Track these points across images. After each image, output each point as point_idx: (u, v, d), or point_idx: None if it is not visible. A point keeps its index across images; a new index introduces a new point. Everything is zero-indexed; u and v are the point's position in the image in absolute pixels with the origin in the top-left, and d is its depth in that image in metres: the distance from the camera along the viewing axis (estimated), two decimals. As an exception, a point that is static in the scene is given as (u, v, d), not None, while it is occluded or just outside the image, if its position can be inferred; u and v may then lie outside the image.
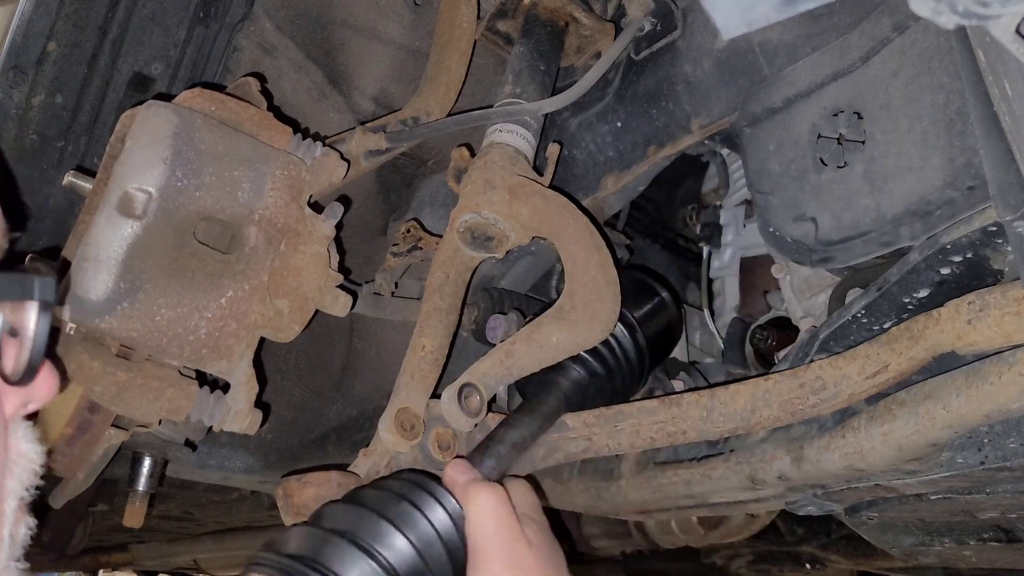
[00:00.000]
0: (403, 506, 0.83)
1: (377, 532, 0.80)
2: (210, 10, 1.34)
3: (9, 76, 1.23)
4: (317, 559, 0.77)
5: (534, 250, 1.35)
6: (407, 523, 0.81)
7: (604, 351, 1.12)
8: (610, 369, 1.13)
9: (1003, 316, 0.80)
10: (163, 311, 0.95)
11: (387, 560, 0.79)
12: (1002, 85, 0.62)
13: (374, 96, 1.50)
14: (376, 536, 0.80)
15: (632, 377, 1.16)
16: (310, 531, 0.81)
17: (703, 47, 1.19)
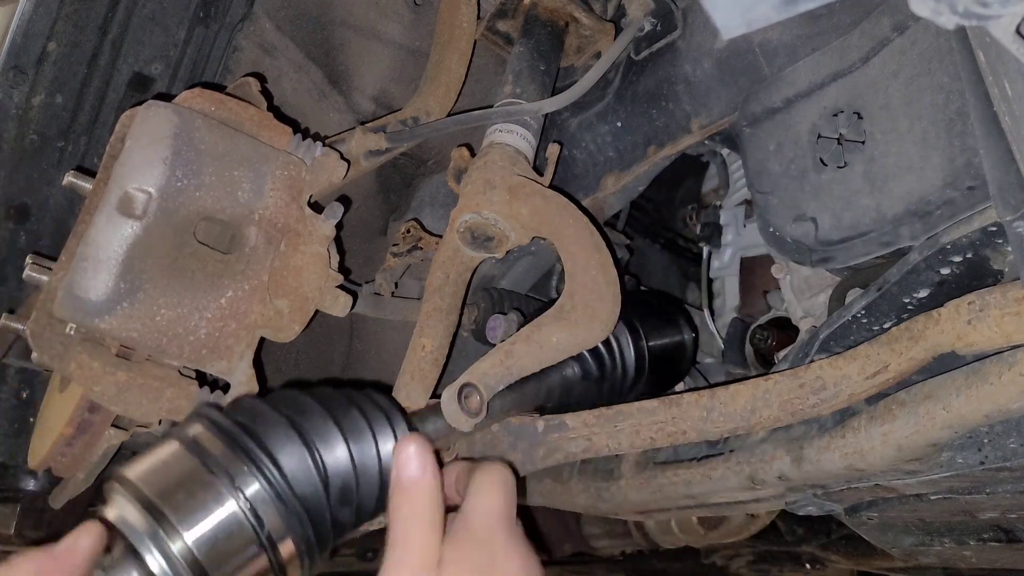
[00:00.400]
0: (359, 421, 0.81)
1: (323, 431, 0.78)
2: (210, 10, 1.34)
3: (9, 76, 1.23)
4: (255, 431, 0.75)
5: (534, 250, 1.35)
6: (355, 437, 0.79)
7: (605, 361, 1.13)
8: (603, 377, 1.14)
9: (1003, 316, 0.80)
10: (163, 311, 0.95)
11: (322, 460, 0.77)
12: (1002, 85, 0.62)
13: (374, 96, 1.50)
14: (321, 435, 0.78)
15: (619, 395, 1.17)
16: (260, 405, 0.79)
17: (703, 47, 1.19)
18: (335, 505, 0.78)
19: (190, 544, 0.70)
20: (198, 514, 0.71)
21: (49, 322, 0.99)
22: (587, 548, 2.34)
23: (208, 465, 0.73)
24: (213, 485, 0.72)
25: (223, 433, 0.75)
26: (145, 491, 0.71)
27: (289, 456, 0.75)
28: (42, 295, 1.02)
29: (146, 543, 0.69)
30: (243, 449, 0.74)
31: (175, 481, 0.72)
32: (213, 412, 0.78)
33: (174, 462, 0.74)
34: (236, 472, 0.72)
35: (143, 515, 0.70)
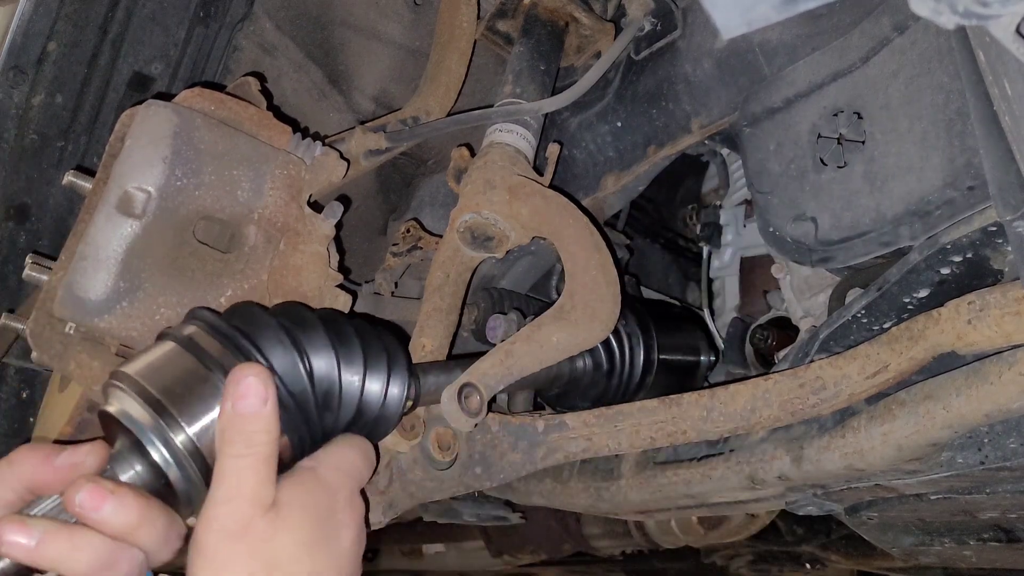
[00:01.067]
0: (355, 347, 0.82)
1: (316, 343, 0.79)
2: (210, 10, 1.34)
3: (9, 76, 1.23)
4: (248, 331, 0.77)
5: (534, 250, 1.35)
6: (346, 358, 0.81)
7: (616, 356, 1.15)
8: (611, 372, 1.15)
9: (1003, 316, 0.80)
10: (162, 310, 0.95)
11: (310, 364, 0.78)
12: (1002, 85, 0.62)
13: (374, 96, 1.50)
14: (313, 344, 0.79)
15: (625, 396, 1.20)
16: (254, 309, 0.81)
17: (703, 47, 1.19)
18: (320, 407, 0.79)
19: (192, 436, 0.71)
20: (198, 407, 0.72)
21: (49, 321, 0.99)
22: (587, 548, 2.34)
23: (204, 362, 0.75)
24: (210, 380, 0.74)
25: (216, 332, 0.77)
26: (147, 386, 0.72)
27: (280, 357, 0.77)
28: (42, 294, 1.02)
29: (149, 436, 0.71)
30: (236, 346, 0.76)
31: (174, 377, 0.74)
32: (206, 313, 0.79)
33: (172, 359, 0.76)
34: (231, 364, 0.74)
35: (146, 409, 0.71)
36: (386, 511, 0.97)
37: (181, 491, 0.72)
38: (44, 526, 0.67)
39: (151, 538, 0.69)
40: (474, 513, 1.67)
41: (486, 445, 1.04)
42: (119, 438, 0.73)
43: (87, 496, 0.67)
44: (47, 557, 0.66)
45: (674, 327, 1.33)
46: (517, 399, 1.19)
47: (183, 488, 0.72)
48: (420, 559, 3.12)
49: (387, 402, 0.83)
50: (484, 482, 1.03)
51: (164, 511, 0.71)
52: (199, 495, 0.72)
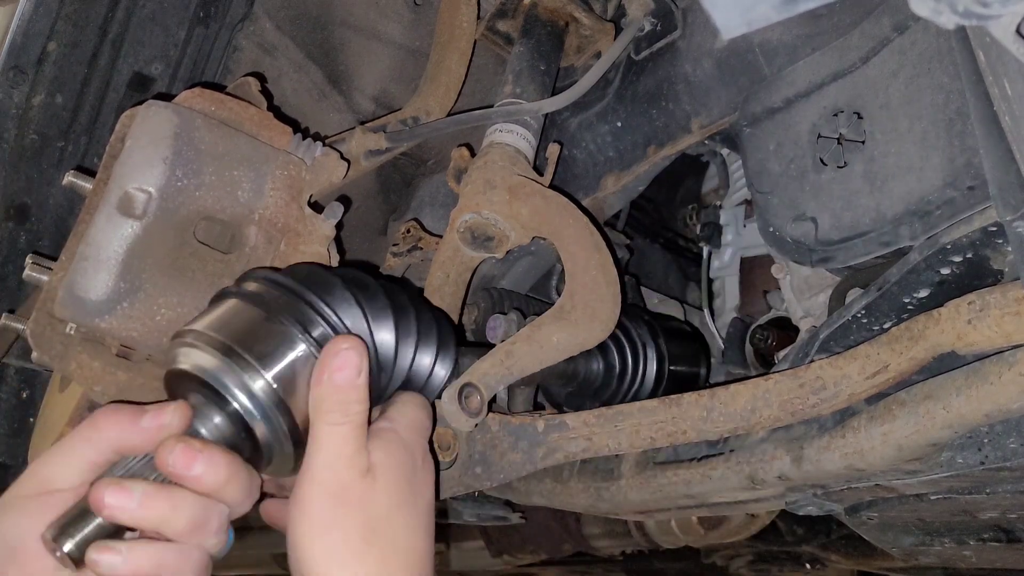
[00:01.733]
0: (411, 325, 0.83)
1: (381, 316, 0.80)
2: (210, 10, 1.34)
3: (9, 76, 1.23)
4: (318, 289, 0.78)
5: (534, 250, 1.35)
6: (403, 336, 0.82)
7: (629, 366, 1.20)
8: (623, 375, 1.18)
9: (1003, 316, 0.80)
10: (163, 311, 0.95)
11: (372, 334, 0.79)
12: (1002, 85, 0.62)
13: (374, 96, 1.50)
14: (377, 317, 0.80)
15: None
16: (325, 272, 0.81)
17: (703, 47, 1.19)
18: (377, 373, 0.80)
19: (270, 380, 0.71)
20: (273, 354, 0.72)
21: (49, 322, 0.99)
22: (587, 548, 2.34)
23: (273, 312, 0.74)
24: (283, 328, 0.74)
25: (281, 287, 0.77)
26: (218, 336, 0.72)
27: (349, 316, 0.78)
28: (42, 295, 1.02)
29: (226, 384, 0.71)
30: (305, 300, 0.76)
31: (244, 327, 0.74)
32: (265, 271, 0.80)
33: (238, 313, 0.75)
34: (302, 317, 0.75)
35: (221, 358, 0.71)
36: (386, 511, 0.97)
37: (263, 438, 0.72)
38: (143, 488, 0.68)
39: (237, 493, 0.72)
40: (474, 513, 1.67)
41: (486, 445, 1.04)
42: (193, 394, 0.73)
43: (179, 457, 0.68)
44: (148, 518, 0.68)
45: (678, 339, 1.35)
46: (517, 399, 1.19)
47: (265, 435, 0.72)
48: (420, 559, 3.11)
49: (432, 378, 0.86)
50: (484, 482, 1.03)
51: (247, 467, 0.73)
52: (279, 441, 0.73)
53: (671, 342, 1.27)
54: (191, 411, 0.72)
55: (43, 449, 1.11)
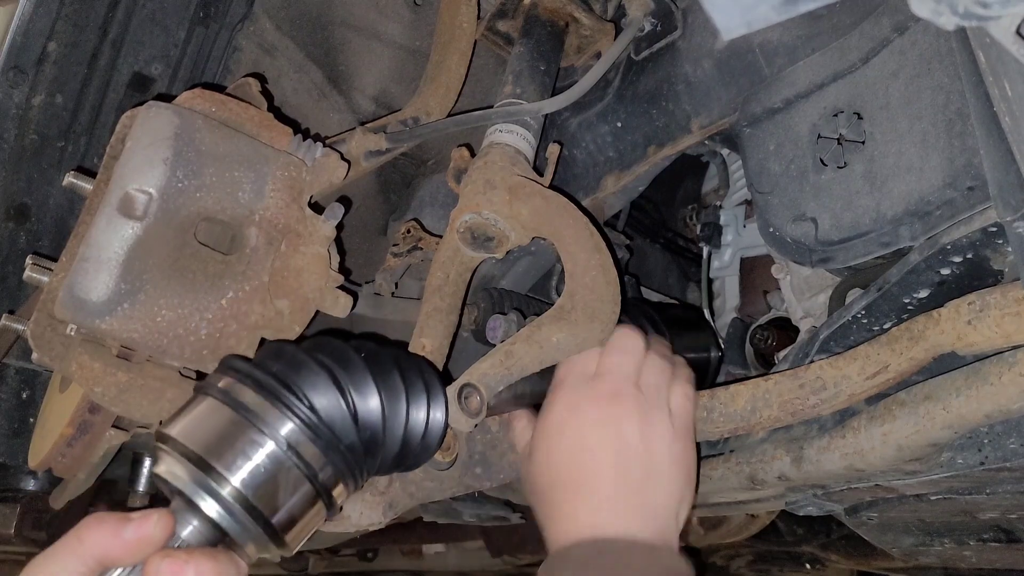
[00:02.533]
0: (394, 378, 0.85)
1: (360, 382, 0.82)
2: (210, 10, 1.34)
3: (9, 76, 1.23)
4: (285, 374, 0.80)
5: (534, 250, 1.35)
6: (391, 394, 0.84)
7: None
8: None
9: (1003, 316, 0.80)
10: (164, 312, 0.95)
11: (354, 406, 0.81)
12: (1002, 86, 0.62)
13: (374, 96, 1.50)
14: (357, 384, 0.82)
15: None
16: (293, 351, 0.83)
17: (703, 47, 1.19)
18: (366, 444, 0.83)
19: (238, 486, 0.75)
20: (239, 459, 0.76)
21: (50, 323, 0.99)
22: (587, 548, 2.34)
23: (241, 413, 0.78)
24: (249, 431, 0.77)
25: (252, 381, 0.80)
26: (189, 446, 0.76)
27: (323, 397, 0.80)
28: (42, 296, 1.02)
29: (199, 492, 0.75)
30: (272, 393, 0.79)
31: (214, 432, 0.77)
32: (239, 362, 0.82)
33: (210, 415, 0.79)
34: (269, 415, 0.78)
35: (190, 468, 0.75)
36: (386, 511, 0.97)
37: (237, 537, 0.76)
38: None
39: None
40: (474, 513, 1.67)
41: (486, 445, 1.04)
42: (174, 498, 0.78)
43: (167, 571, 0.71)
44: None
45: (684, 327, 1.34)
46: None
47: (238, 534, 0.76)
48: (420, 559, 3.12)
49: (430, 429, 0.87)
50: (484, 482, 1.03)
51: (231, 560, 0.76)
52: (253, 538, 0.77)
53: (674, 331, 1.26)
54: (172, 519, 0.75)
55: (43, 449, 1.11)
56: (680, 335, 1.26)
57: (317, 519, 0.81)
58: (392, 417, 0.84)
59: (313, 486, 0.78)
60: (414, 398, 0.86)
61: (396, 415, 0.85)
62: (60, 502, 1.24)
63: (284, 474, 0.77)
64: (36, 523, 1.85)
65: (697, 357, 1.34)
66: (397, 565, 3.18)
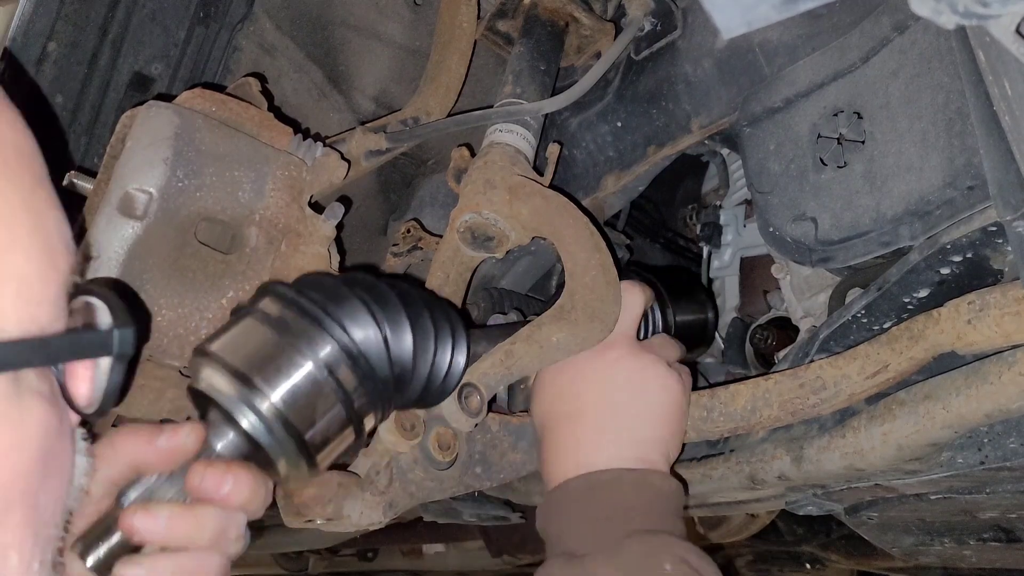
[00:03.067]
0: (425, 319, 0.88)
1: (396, 320, 0.85)
2: (210, 10, 1.34)
3: (9, 76, 1.23)
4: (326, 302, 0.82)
5: (534, 250, 1.35)
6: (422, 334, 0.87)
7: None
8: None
9: (1003, 316, 0.80)
10: (164, 312, 0.95)
11: (388, 342, 0.84)
12: (1002, 85, 0.62)
13: (374, 96, 1.50)
14: (393, 322, 0.85)
15: None
16: (334, 282, 0.85)
17: (703, 47, 1.19)
18: (396, 381, 0.85)
19: (276, 402, 0.76)
20: (279, 376, 0.78)
21: (50, 322, 0.99)
22: (587, 548, 2.34)
23: (283, 333, 0.79)
24: (290, 351, 0.79)
25: (294, 305, 0.81)
26: (230, 360, 0.78)
27: (361, 329, 0.82)
28: (42, 295, 1.01)
29: (238, 405, 0.76)
30: (314, 318, 0.81)
31: (255, 350, 0.79)
32: (280, 287, 0.84)
33: (251, 334, 0.81)
34: (310, 338, 0.80)
35: (231, 382, 0.77)
36: (386, 511, 0.97)
37: (271, 452, 0.77)
38: (168, 511, 0.73)
39: (256, 504, 0.77)
40: (474, 513, 1.67)
41: (486, 445, 1.04)
42: (211, 410, 0.79)
43: (209, 479, 0.73)
44: (174, 537, 0.73)
45: (680, 291, 1.34)
46: (517, 399, 1.19)
47: (273, 449, 0.77)
48: (420, 559, 3.12)
49: (451, 371, 0.90)
50: (484, 482, 1.03)
51: (264, 478, 0.78)
52: (286, 454, 0.78)
53: (671, 295, 1.26)
54: (203, 431, 0.77)
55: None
56: (677, 299, 1.26)
57: (344, 445, 0.83)
58: (421, 356, 0.87)
59: (347, 411, 0.80)
60: (441, 341, 0.89)
61: (425, 354, 0.87)
62: (60, 502, 1.23)
63: (321, 396, 0.79)
64: (36, 523, 1.84)
65: (695, 319, 1.34)
66: (397, 565, 3.18)
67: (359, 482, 0.93)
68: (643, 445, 0.94)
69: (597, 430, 0.94)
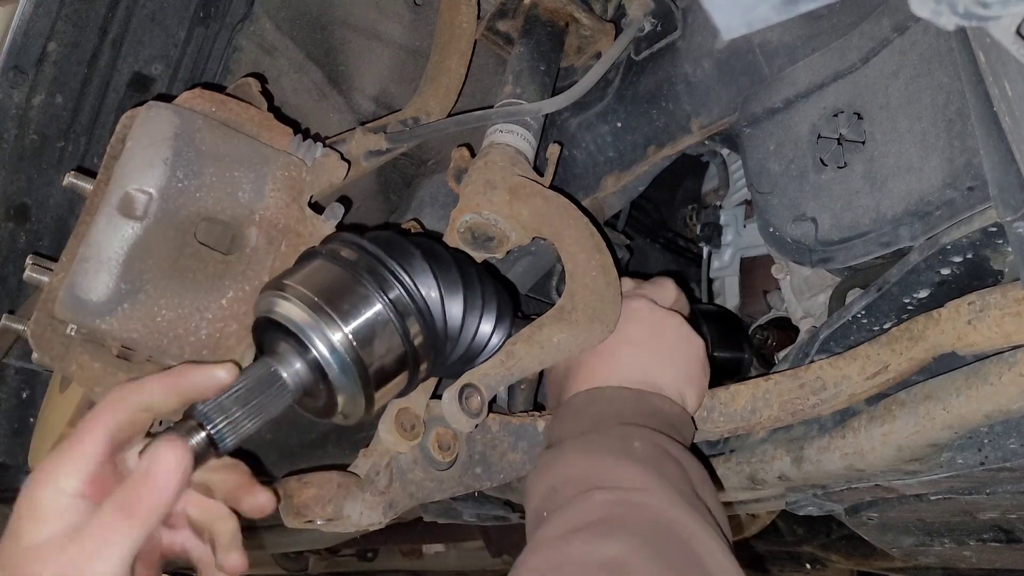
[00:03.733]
0: (477, 297, 0.93)
1: (452, 288, 0.90)
2: (210, 10, 1.34)
3: (9, 76, 1.23)
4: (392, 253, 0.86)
5: (534, 250, 1.35)
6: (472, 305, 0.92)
7: None
8: None
9: (1003, 316, 0.80)
10: (164, 312, 0.95)
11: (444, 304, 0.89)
12: (1002, 86, 0.62)
13: (374, 96, 1.50)
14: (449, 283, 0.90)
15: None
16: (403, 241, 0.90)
17: (703, 47, 1.19)
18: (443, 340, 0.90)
19: (349, 334, 0.80)
20: (351, 312, 0.81)
21: (50, 323, 0.99)
22: (587, 548, 2.34)
23: (354, 273, 0.84)
24: (361, 289, 0.83)
25: (365, 251, 0.86)
26: (306, 291, 0.81)
27: (424, 286, 0.87)
28: (42, 296, 1.02)
29: (310, 335, 0.79)
30: (383, 263, 0.85)
31: (329, 285, 0.82)
32: (349, 235, 0.88)
33: (324, 272, 0.84)
34: (380, 280, 0.84)
35: (306, 311, 0.80)
36: (386, 511, 0.97)
37: (336, 382, 0.80)
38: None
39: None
40: (474, 513, 1.67)
41: (486, 445, 1.04)
42: (281, 342, 0.81)
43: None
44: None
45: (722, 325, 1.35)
46: (517, 399, 1.19)
47: (338, 380, 0.80)
48: (420, 559, 3.12)
49: (489, 345, 0.95)
50: (484, 482, 1.03)
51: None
52: (349, 386, 0.80)
53: (711, 327, 1.27)
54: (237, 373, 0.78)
55: (43, 449, 1.11)
56: (720, 337, 1.28)
57: (398, 389, 0.87)
58: (467, 325, 0.91)
59: (408, 355, 0.84)
60: (487, 315, 0.93)
61: (470, 325, 0.92)
62: (60, 502, 1.23)
63: (387, 336, 0.82)
64: (36, 523, 1.84)
65: (732, 356, 1.36)
66: (397, 565, 3.18)
67: (359, 482, 0.93)
68: (656, 378, 0.94)
69: (611, 359, 0.96)
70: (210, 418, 0.74)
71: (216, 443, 0.74)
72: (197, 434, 0.73)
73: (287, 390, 0.79)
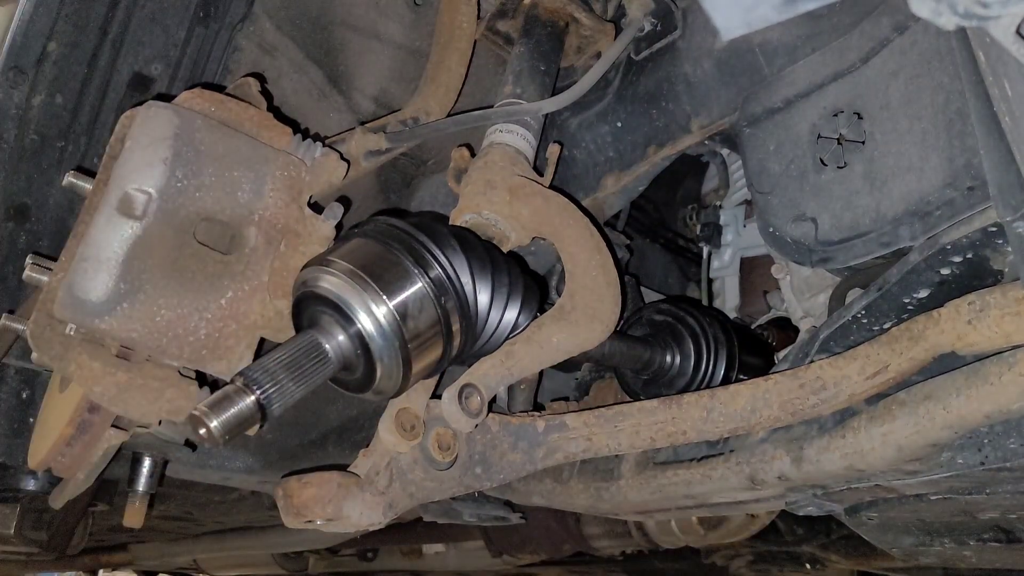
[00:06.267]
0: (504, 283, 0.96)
1: (482, 274, 0.93)
2: (210, 10, 1.34)
3: (9, 76, 1.23)
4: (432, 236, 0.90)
5: (534, 250, 1.35)
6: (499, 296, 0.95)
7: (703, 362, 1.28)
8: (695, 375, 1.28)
9: (1003, 316, 0.80)
10: (163, 312, 0.95)
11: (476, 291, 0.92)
12: (1002, 85, 0.62)
13: (374, 96, 1.50)
14: (480, 276, 0.93)
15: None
16: (437, 226, 0.94)
17: (703, 47, 1.19)
18: (471, 325, 0.93)
19: (392, 308, 0.83)
20: (395, 287, 0.85)
21: (49, 322, 0.99)
22: (587, 548, 2.34)
23: (398, 252, 0.87)
24: (404, 266, 0.87)
25: (406, 232, 0.90)
26: (350, 266, 0.84)
27: (459, 269, 0.91)
28: (42, 295, 1.02)
29: (354, 307, 0.83)
30: (424, 245, 0.89)
31: (372, 262, 0.86)
32: (392, 219, 0.92)
33: (368, 250, 0.88)
34: (422, 259, 0.88)
35: (351, 284, 0.83)
36: (386, 511, 0.97)
37: (376, 354, 0.83)
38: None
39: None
40: (474, 513, 1.67)
41: (486, 445, 1.04)
42: (324, 315, 0.84)
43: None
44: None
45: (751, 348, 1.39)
46: (517, 399, 1.19)
47: (379, 352, 0.83)
48: (420, 559, 3.12)
49: (514, 332, 0.98)
50: (484, 482, 1.03)
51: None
52: (388, 359, 0.83)
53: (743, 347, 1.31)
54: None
55: (43, 449, 1.11)
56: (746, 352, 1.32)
57: (433, 363, 0.90)
58: (493, 315, 0.95)
59: (442, 331, 0.87)
60: (512, 302, 0.97)
61: (496, 315, 0.95)
62: (60, 502, 1.23)
63: (426, 312, 0.86)
64: (36, 523, 1.85)
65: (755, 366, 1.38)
66: (397, 565, 3.18)
67: (359, 482, 0.93)
68: None
69: None
70: (259, 382, 0.77)
71: (264, 407, 0.77)
72: (247, 396, 0.76)
73: (328, 361, 0.82)
